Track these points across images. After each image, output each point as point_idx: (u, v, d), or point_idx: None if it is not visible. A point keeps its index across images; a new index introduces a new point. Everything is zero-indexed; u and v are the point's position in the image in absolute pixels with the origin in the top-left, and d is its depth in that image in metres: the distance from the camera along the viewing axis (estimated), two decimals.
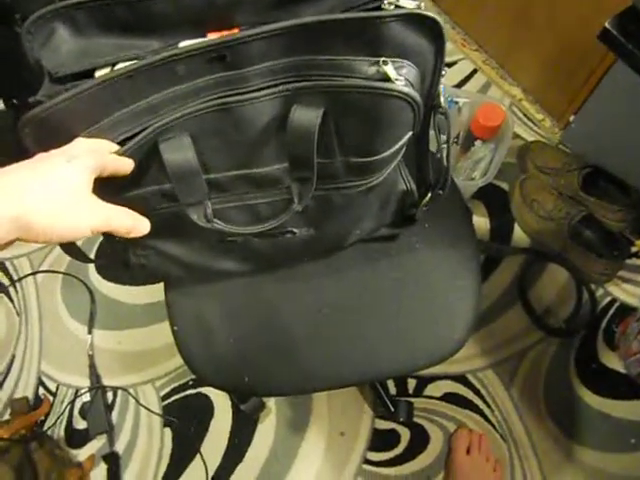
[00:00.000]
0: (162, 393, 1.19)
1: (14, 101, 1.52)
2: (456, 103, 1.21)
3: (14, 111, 1.53)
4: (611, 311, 1.20)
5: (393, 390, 1.15)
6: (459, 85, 1.46)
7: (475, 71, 1.49)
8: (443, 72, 0.50)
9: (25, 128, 0.46)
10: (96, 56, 0.49)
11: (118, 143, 0.48)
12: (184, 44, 0.49)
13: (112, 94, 0.46)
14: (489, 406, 1.13)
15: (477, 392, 1.14)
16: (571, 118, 1.30)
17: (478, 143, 1.21)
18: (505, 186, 1.32)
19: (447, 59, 1.47)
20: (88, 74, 0.49)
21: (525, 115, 1.42)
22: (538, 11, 1.23)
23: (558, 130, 1.37)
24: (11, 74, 1.38)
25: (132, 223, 0.47)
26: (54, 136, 0.46)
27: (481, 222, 1.29)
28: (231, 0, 0.48)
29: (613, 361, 1.15)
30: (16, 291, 1.35)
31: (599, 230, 1.20)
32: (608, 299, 1.21)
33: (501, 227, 1.29)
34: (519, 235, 1.28)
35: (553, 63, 1.29)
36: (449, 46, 1.52)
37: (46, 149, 0.47)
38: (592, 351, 1.16)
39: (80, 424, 1.18)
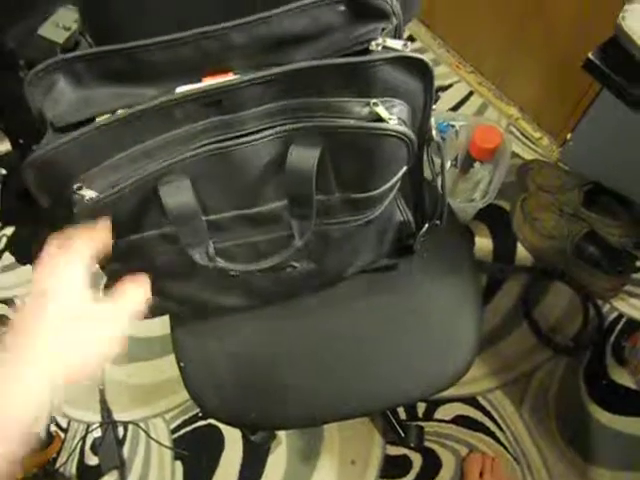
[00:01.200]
0: (172, 426, 1.19)
1: (20, 141, 1.56)
2: (453, 126, 1.23)
3: (20, 151, 1.57)
4: (619, 326, 1.19)
5: (403, 415, 1.14)
6: (455, 108, 1.48)
7: (471, 93, 1.51)
8: (434, 104, 0.52)
9: (28, 170, 0.47)
10: (96, 105, 0.50)
11: (116, 186, 0.49)
12: (181, 89, 0.51)
13: (111, 138, 0.48)
14: (500, 428, 1.12)
15: (488, 414, 1.14)
16: (568, 136, 1.31)
17: (477, 165, 1.22)
18: (506, 206, 1.33)
19: (442, 82, 1.49)
20: (88, 123, 0.51)
21: (523, 134, 1.43)
22: (532, 31, 1.25)
23: (556, 148, 1.38)
24: (17, 116, 1.41)
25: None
26: (54, 178, 0.48)
27: (483, 243, 1.30)
28: (225, 47, 0.50)
29: (623, 377, 1.14)
30: None
31: (602, 246, 1.20)
32: (615, 314, 1.21)
33: (504, 247, 1.29)
34: (522, 254, 1.28)
35: (548, 82, 1.31)
36: (444, 69, 1.55)
37: (46, 191, 0.49)
38: (601, 368, 1.16)
39: (92, 460, 1.18)
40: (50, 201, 0.51)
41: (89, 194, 0.48)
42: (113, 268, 0.58)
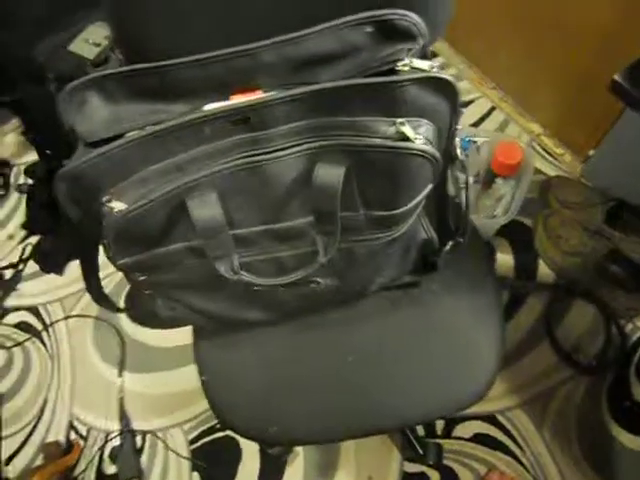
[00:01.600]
0: (190, 437, 1.19)
1: (47, 152, 1.59)
2: (474, 142, 1.22)
3: (46, 162, 1.60)
4: None
5: (421, 431, 1.13)
6: (477, 124, 1.48)
7: (493, 109, 1.51)
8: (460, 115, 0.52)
9: (60, 183, 0.49)
10: (126, 121, 0.52)
11: (145, 198, 0.50)
12: (209, 107, 0.52)
13: (141, 153, 0.49)
14: (520, 447, 1.11)
15: (507, 432, 1.12)
16: (591, 152, 1.30)
17: (499, 180, 1.22)
18: (528, 222, 1.32)
19: (464, 98, 1.49)
20: (118, 139, 0.52)
21: (545, 150, 1.42)
22: (554, 47, 1.25)
23: (579, 164, 1.37)
24: (45, 128, 1.45)
25: None
26: (85, 191, 0.49)
27: (505, 259, 1.29)
28: (254, 66, 0.51)
29: None
30: (49, 335, 1.39)
31: (626, 265, 1.18)
32: (638, 334, 1.19)
33: (526, 263, 1.28)
34: (544, 271, 1.27)
35: (571, 98, 1.31)
36: (466, 85, 1.55)
37: (76, 203, 0.51)
38: (625, 388, 1.13)
39: (110, 469, 1.19)
40: (80, 213, 0.52)
41: (118, 206, 0.49)
42: (138, 279, 0.58)
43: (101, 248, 0.58)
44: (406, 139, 0.47)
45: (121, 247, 0.53)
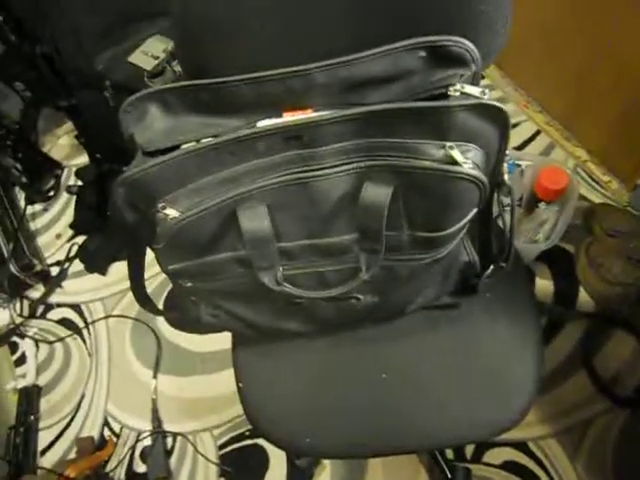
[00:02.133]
0: (220, 442, 1.21)
1: (97, 155, 1.65)
2: (519, 166, 1.22)
3: (96, 165, 1.66)
4: None
5: (450, 454, 1.12)
6: (521, 147, 1.47)
7: (538, 132, 1.49)
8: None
9: (119, 188, 0.51)
10: (183, 133, 0.54)
11: (199, 207, 0.52)
12: (262, 123, 0.54)
13: (198, 163, 0.51)
14: (551, 478, 1.08)
15: (539, 462, 1.10)
16: (638, 181, 1.28)
17: (542, 205, 1.20)
18: (570, 248, 1.30)
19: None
20: (175, 149, 0.55)
21: (590, 176, 1.40)
22: (603, 73, 1.23)
23: (626, 192, 1.34)
24: (96, 133, 1.50)
25: None
26: (142, 197, 0.52)
27: (545, 285, 1.27)
28: (307, 85, 0.53)
29: None
30: (89, 333, 1.43)
31: None
32: None
33: (565, 290, 1.26)
34: (584, 299, 1.24)
35: (619, 125, 1.29)
36: (512, 107, 1.54)
37: (133, 208, 0.53)
38: None
39: (140, 467, 1.22)
40: (135, 218, 0.54)
41: (173, 213, 0.51)
42: (185, 285, 0.60)
43: (149, 251, 0.61)
44: (454, 163, 0.48)
45: (172, 253, 0.55)
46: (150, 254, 0.60)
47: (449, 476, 1.05)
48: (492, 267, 0.63)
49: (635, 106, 1.20)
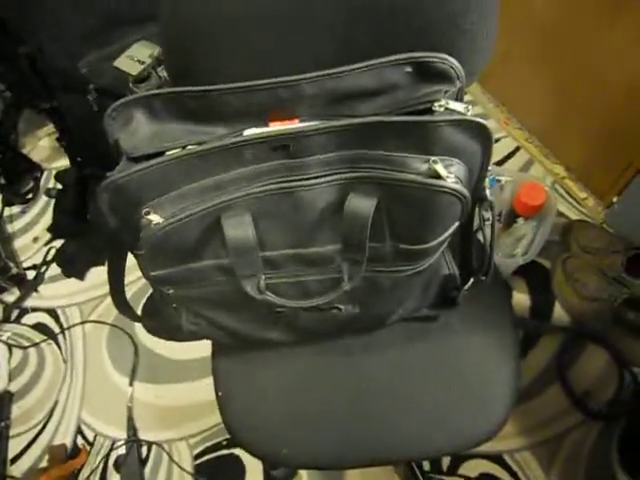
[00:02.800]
0: (195, 452, 1.20)
1: (79, 159, 1.63)
2: (498, 181, 1.24)
3: (77, 169, 1.65)
4: None
5: (427, 466, 1.12)
6: (501, 162, 1.50)
7: (518, 149, 1.52)
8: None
9: (103, 193, 0.51)
10: (168, 140, 0.54)
11: (183, 214, 0.52)
12: (249, 132, 0.54)
13: (183, 170, 0.51)
14: None
15: (514, 475, 1.11)
16: (614, 199, 1.31)
17: (520, 220, 1.23)
18: (547, 263, 1.32)
19: None
20: (160, 156, 0.55)
21: (568, 193, 1.43)
22: (582, 92, 1.26)
23: (602, 209, 1.37)
24: (78, 136, 1.49)
25: None
26: (126, 202, 0.51)
27: (521, 299, 1.29)
28: (295, 96, 0.53)
29: None
30: (64, 338, 1.41)
31: None
32: None
33: (541, 305, 1.28)
34: (559, 313, 1.27)
35: (597, 144, 1.32)
36: (492, 124, 1.57)
37: (116, 213, 0.53)
38: (636, 438, 1.12)
39: (114, 477, 1.20)
40: (119, 223, 0.54)
41: (156, 219, 0.51)
42: (167, 292, 0.60)
43: (129, 256, 0.61)
44: (438, 177, 0.48)
45: (155, 259, 0.55)
46: (130, 259, 0.59)
47: None
48: (472, 280, 0.64)
49: (613, 124, 1.23)
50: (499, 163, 1.50)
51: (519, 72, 1.46)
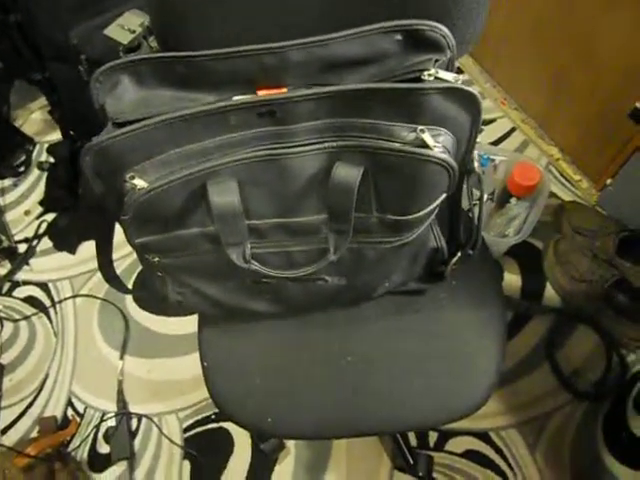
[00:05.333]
0: (185, 425, 1.21)
1: (71, 132, 1.62)
2: (492, 160, 1.23)
3: (70, 142, 1.63)
4: None
5: (414, 441, 1.14)
6: (497, 142, 1.49)
7: (513, 129, 1.52)
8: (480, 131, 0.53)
9: (86, 156, 0.50)
10: (155, 106, 0.53)
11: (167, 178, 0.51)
12: (237, 98, 0.54)
13: (168, 134, 0.50)
14: (511, 468, 1.10)
15: (499, 451, 1.12)
16: (608, 181, 1.31)
17: (513, 200, 1.22)
18: (539, 244, 1.33)
19: (486, 116, 1.50)
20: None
21: (562, 175, 1.43)
22: (578, 74, 1.26)
23: (595, 192, 1.37)
24: (70, 108, 1.47)
25: None
26: (110, 166, 0.51)
27: (512, 279, 1.29)
28: (282, 63, 0.53)
29: None
30: (55, 312, 1.41)
31: (633, 295, 1.18)
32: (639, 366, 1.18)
33: (532, 285, 1.28)
34: (550, 294, 1.27)
35: (592, 125, 1.31)
36: (489, 104, 1.56)
37: (101, 177, 0.52)
38: (621, 419, 1.13)
39: (103, 448, 1.20)
40: (103, 188, 0.54)
41: (140, 184, 0.51)
42: (152, 260, 0.60)
43: (118, 229, 0.60)
44: (425, 146, 0.48)
45: (140, 226, 0.54)
46: (120, 233, 0.59)
47: (411, 462, 1.07)
48: (459, 254, 0.64)
49: (609, 107, 1.22)
50: (495, 143, 1.49)
51: (516, 53, 1.44)
